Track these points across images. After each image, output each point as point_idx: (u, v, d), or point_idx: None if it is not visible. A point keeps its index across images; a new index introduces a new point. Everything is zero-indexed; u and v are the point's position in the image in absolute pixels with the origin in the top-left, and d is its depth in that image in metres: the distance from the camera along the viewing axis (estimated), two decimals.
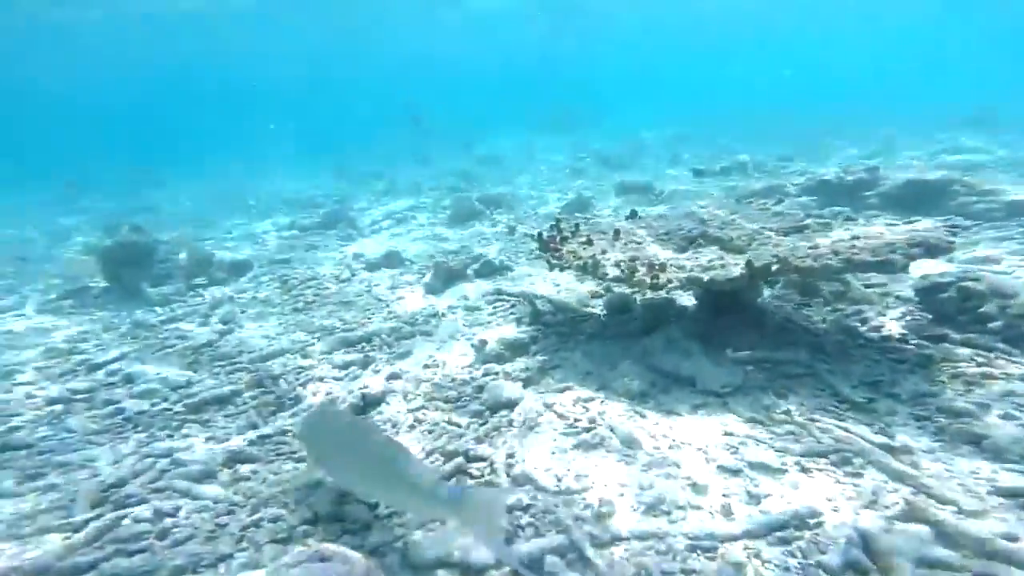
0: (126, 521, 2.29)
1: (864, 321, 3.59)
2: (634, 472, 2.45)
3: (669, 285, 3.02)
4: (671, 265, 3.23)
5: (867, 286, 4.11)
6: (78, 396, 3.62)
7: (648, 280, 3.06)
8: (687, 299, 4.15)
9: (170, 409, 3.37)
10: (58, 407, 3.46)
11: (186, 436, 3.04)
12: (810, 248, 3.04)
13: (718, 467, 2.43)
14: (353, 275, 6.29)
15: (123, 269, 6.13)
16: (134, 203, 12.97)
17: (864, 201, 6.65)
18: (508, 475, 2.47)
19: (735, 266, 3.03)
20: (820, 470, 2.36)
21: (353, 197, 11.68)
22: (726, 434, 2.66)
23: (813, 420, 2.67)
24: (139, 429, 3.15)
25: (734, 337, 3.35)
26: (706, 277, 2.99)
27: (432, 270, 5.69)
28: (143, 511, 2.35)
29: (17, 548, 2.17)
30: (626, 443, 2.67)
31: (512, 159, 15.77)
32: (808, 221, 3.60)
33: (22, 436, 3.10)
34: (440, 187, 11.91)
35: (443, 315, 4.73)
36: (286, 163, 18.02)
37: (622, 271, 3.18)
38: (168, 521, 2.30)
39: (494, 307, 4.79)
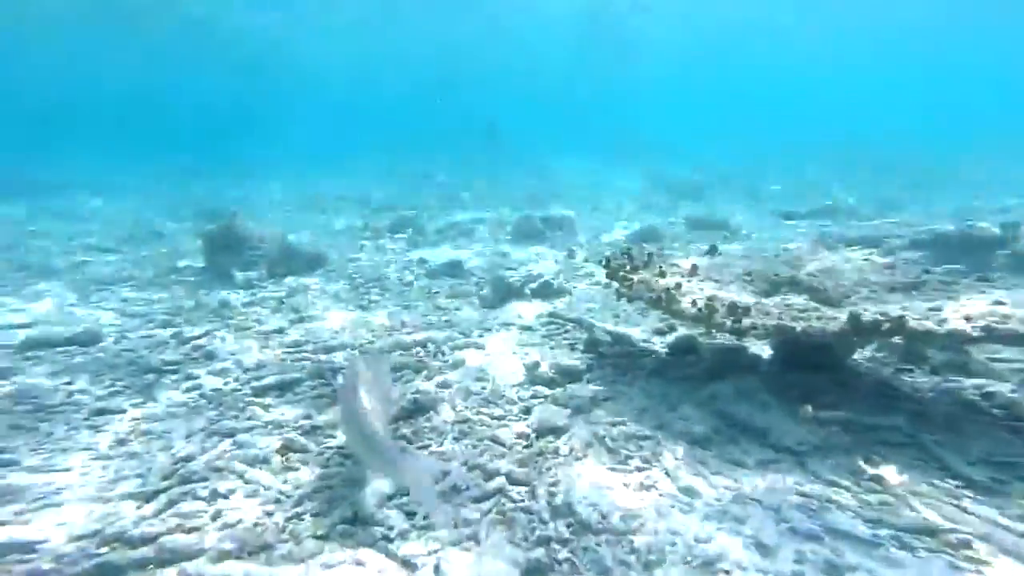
0: (187, 499, 2.43)
1: (987, 396, 3.07)
2: (690, 522, 2.24)
3: (753, 331, 2.76)
4: (755, 309, 2.96)
5: (992, 360, 3.52)
6: (167, 367, 3.97)
7: (729, 323, 2.82)
8: (759, 348, 3.80)
9: (239, 390, 3.59)
10: (151, 376, 3.81)
11: (249, 419, 3.20)
12: (931, 309, 2.64)
13: (790, 529, 2.16)
14: (415, 280, 6.48)
15: (219, 253, 6.78)
16: (229, 193, 14.43)
17: (994, 261, 5.68)
18: (549, 503, 2.35)
19: (833, 319, 2.71)
20: (928, 549, 2.03)
21: (422, 204, 12.18)
22: (801, 495, 2.37)
23: (915, 492, 2.31)
24: (211, 406, 3.38)
25: (816, 394, 3.00)
26: (799, 327, 2.70)
27: (490, 284, 5.72)
28: (202, 489, 2.48)
29: (101, 510, 2.38)
30: (683, 489, 2.46)
31: (575, 181, 15.71)
32: (925, 278, 3.15)
33: (119, 402, 3.44)
34: (505, 203, 12.10)
35: (497, 330, 4.70)
36: (350, 164, 19.39)
37: (699, 310, 2.95)
38: (222, 503, 2.40)
39: (548, 329, 4.70)
